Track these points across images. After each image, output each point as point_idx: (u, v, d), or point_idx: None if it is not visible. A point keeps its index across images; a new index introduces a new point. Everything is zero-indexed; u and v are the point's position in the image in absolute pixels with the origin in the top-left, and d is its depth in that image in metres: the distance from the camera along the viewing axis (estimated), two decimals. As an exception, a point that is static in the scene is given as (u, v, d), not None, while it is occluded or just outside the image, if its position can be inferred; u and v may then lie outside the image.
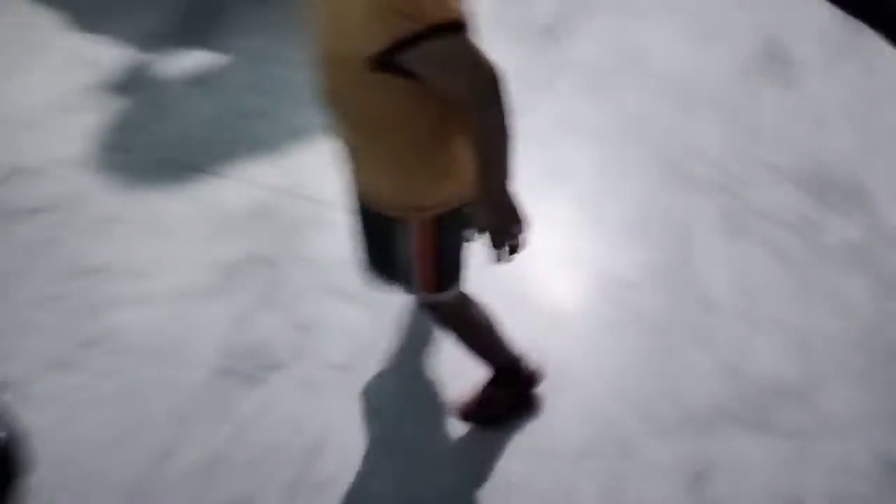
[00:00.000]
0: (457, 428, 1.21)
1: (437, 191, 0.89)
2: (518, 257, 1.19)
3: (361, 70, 0.77)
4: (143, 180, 1.54)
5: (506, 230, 0.89)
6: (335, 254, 1.41)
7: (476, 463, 1.17)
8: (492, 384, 1.20)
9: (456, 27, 0.74)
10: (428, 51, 0.74)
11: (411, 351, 1.30)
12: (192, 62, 1.78)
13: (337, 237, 1.44)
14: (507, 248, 0.92)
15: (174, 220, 1.47)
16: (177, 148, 1.60)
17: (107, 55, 1.75)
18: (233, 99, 1.71)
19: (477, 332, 1.11)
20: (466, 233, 0.97)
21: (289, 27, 1.88)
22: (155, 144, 1.59)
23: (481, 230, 0.91)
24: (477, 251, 1.41)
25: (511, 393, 1.21)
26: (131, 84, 1.70)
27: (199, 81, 1.73)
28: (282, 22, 1.90)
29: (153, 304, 1.34)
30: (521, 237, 0.91)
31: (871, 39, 1.94)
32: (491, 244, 0.91)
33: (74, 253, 1.43)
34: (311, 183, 1.53)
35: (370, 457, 1.17)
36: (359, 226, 1.00)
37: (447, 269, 0.98)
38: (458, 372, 1.28)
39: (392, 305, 1.35)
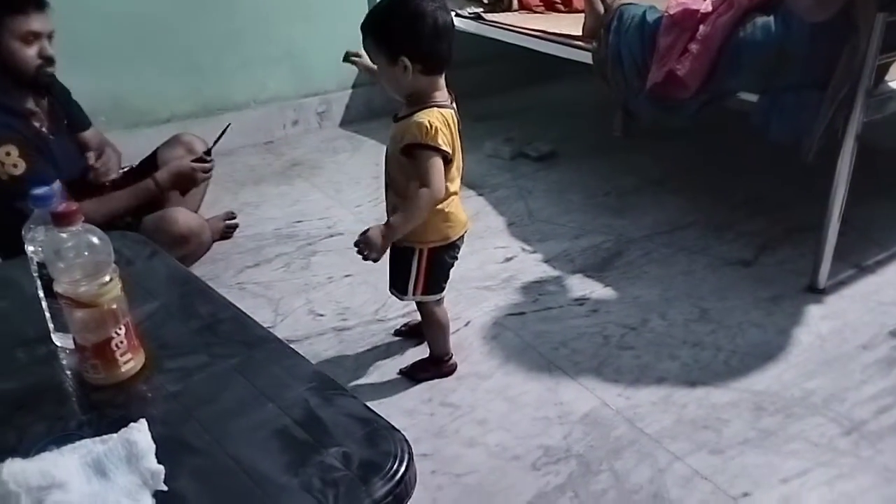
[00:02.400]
0: None
1: (432, 234, 1.64)
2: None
3: (398, 154, 1.55)
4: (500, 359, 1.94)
5: (369, 248, 1.56)
6: (639, 480, 1.53)
7: None
8: (425, 360, 1.86)
9: (436, 150, 1.51)
10: (420, 153, 1.52)
11: None
12: (581, 286, 2.21)
13: (646, 465, 1.56)
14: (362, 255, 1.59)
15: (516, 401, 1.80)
16: (558, 349, 1.97)
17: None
18: (603, 319, 2.04)
19: (437, 326, 1.79)
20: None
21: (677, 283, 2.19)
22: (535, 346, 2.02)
23: (363, 234, 1.58)
24: None
25: (431, 370, 1.84)
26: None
27: (582, 301, 2.13)
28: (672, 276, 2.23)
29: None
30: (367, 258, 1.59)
31: None
32: (358, 245, 1.58)
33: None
34: (647, 414, 1.70)
35: None
36: (389, 256, 1.68)
37: (434, 281, 1.71)
38: None
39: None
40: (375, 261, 1.60)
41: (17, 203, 1.58)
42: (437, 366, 1.84)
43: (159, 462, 0.81)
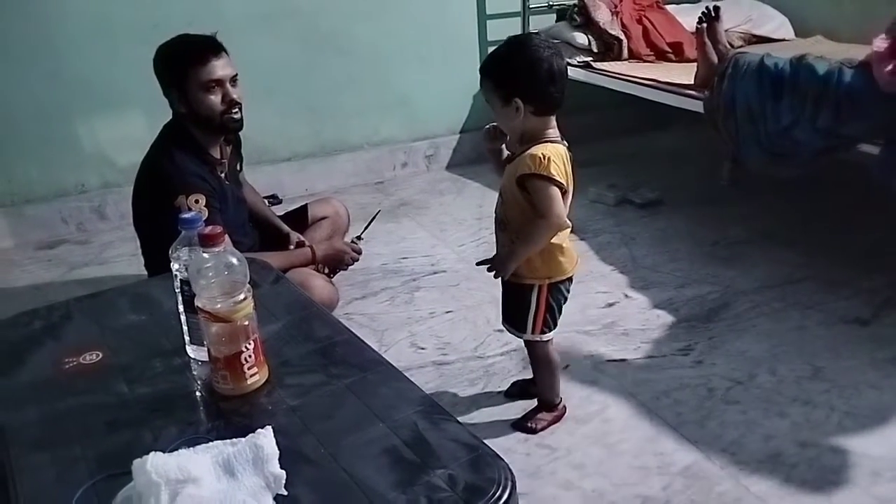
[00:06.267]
0: None
1: (550, 269, 1.66)
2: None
3: (514, 189, 1.58)
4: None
5: (498, 268, 1.64)
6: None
7: None
8: (536, 409, 1.83)
9: (550, 181, 1.53)
10: (534, 183, 1.55)
11: None
12: (686, 336, 2.17)
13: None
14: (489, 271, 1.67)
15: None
16: (660, 398, 1.95)
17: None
18: (708, 371, 1.99)
19: (551, 368, 1.78)
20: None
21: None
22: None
23: (494, 257, 1.67)
24: None
25: (548, 418, 1.81)
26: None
27: (686, 352, 2.10)
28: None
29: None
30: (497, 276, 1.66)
31: None
32: (491, 267, 1.66)
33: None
34: (753, 471, 1.65)
35: None
36: (503, 293, 1.75)
37: (551, 317, 1.71)
38: None
39: None
40: (504, 278, 1.67)
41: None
42: (551, 411, 1.82)
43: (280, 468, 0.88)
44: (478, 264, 1.71)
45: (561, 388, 1.86)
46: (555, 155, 1.55)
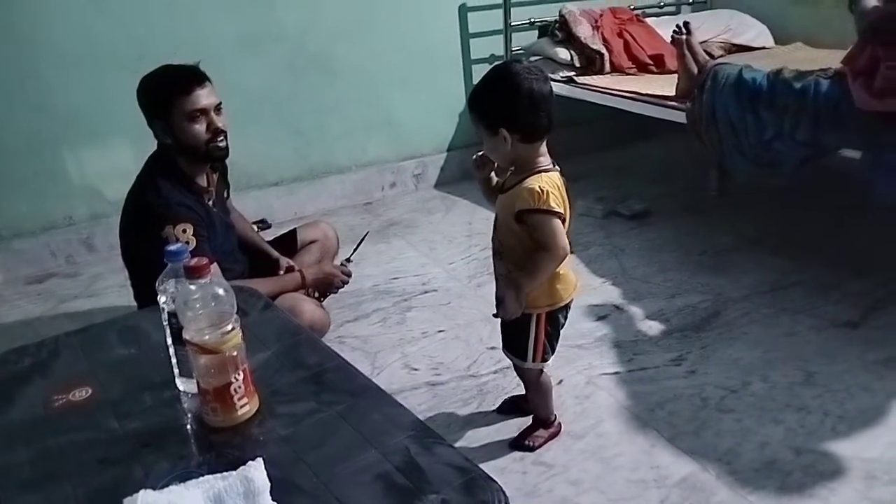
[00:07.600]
0: None
1: (548, 297, 1.65)
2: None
3: (511, 222, 1.57)
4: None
5: (507, 308, 1.60)
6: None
7: None
8: (532, 426, 1.84)
9: (552, 213, 1.53)
10: (535, 218, 1.54)
11: None
12: (678, 347, 2.18)
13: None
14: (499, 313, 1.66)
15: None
16: (654, 410, 1.94)
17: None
18: (701, 381, 1.99)
19: (545, 389, 1.80)
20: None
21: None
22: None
23: (501, 299, 1.63)
24: None
25: (544, 434, 1.82)
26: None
27: (679, 362, 2.10)
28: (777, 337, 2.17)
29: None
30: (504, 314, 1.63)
31: None
32: (501, 314, 1.63)
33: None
34: (749, 480, 1.64)
35: None
36: (501, 322, 1.71)
37: (550, 345, 1.71)
38: None
39: None
40: (515, 316, 1.64)
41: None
42: (547, 427, 1.83)
43: (273, 500, 0.87)
44: (494, 316, 1.69)
45: (555, 404, 1.86)
46: (551, 186, 1.55)
